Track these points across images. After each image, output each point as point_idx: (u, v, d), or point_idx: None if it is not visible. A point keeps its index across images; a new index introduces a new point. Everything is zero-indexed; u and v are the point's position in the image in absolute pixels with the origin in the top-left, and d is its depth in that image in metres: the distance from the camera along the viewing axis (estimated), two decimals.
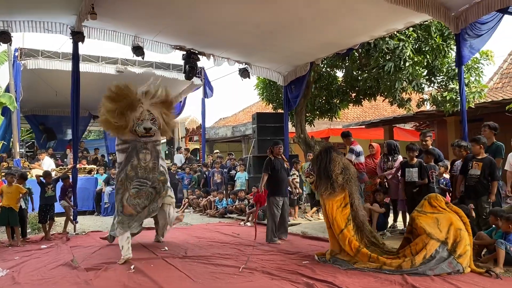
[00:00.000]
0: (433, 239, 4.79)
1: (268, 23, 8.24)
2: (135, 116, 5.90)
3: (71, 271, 5.11)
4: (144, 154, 5.97)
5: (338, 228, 5.23)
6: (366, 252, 5.07)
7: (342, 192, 5.31)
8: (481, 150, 5.86)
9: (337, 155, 5.43)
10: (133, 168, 5.90)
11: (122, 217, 5.84)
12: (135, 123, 5.92)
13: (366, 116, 20.25)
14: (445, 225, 4.85)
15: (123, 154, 6.03)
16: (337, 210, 5.25)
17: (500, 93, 13.02)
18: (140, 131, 5.92)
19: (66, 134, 16.99)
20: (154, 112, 6.03)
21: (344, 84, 11.67)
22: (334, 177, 5.26)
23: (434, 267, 4.68)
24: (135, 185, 5.85)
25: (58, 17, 8.02)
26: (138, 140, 6.01)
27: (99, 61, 12.02)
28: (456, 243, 4.76)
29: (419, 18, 7.91)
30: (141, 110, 5.94)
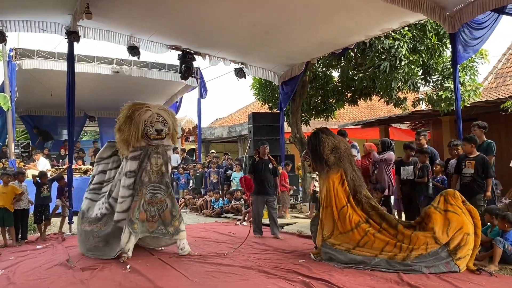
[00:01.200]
0: (437, 243, 4.78)
1: (264, 23, 8.25)
2: (145, 119, 5.82)
3: (67, 271, 5.09)
4: (155, 158, 5.88)
5: (340, 204, 5.31)
6: (365, 228, 5.13)
7: (338, 169, 5.44)
8: (472, 149, 5.93)
9: (325, 136, 5.58)
10: (147, 173, 5.81)
11: (137, 224, 5.68)
12: (146, 126, 5.83)
13: (362, 116, 20.31)
14: (454, 229, 4.80)
15: (136, 162, 5.88)
16: (338, 186, 5.38)
17: (495, 93, 13.08)
18: (152, 133, 5.82)
19: (61, 134, 16.92)
20: (163, 115, 5.98)
21: (340, 84, 11.69)
22: (326, 157, 5.44)
23: (431, 265, 4.69)
24: (149, 189, 5.78)
25: (53, 16, 7.99)
26: (150, 144, 5.90)
27: (94, 61, 12.00)
28: (459, 246, 4.73)
29: (414, 18, 7.95)
30: (150, 113, 5.88)
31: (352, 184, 5.47)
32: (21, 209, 7.32)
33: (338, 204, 5.33)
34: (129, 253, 5.61)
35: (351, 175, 5.48)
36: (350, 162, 5.58)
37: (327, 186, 5.43)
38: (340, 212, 5.28)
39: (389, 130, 15.58)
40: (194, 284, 4.46)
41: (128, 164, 5.90)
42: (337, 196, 5.35)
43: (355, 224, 5.19)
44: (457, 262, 4.68)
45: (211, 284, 4.43)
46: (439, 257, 4.73)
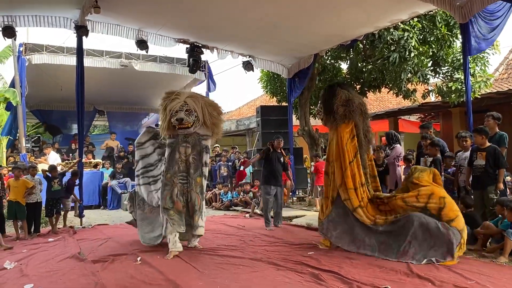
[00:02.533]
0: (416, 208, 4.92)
1: (272, 16, 8.21)
2: (171, 108, 5.74)
3: (78, 263, 5.15)
4: (184, 147, 5.75)
5: (348, 159, 5.30)
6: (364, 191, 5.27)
7: (349, 123, 5.37)
8: (483, 140, 5.85)
9: (340, 90, 5.51)
10: (176, 162, 5.75)
11: (174, 211, 5.65)
12: (172, 115, 5.73)
13: (371, 108, 20.11)
14: (424, 196, 4.91)
15: (169, 149, 5.85)
16: (348, 140, 5.34)
17: (506, 84, 12.93)
18: (173, 122, 5.68)
19: (71, 129, 17.04)
20: (191, 103, 5.75)
21: (349, 76, 11.62)
22: (335, 108, 5.38)
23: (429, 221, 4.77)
24: (179, 179, 5.73)
25: (62, 11, 8.02)
26: (178, 133, 5.79)
27: (103, 56, 12.02)
28: (441, 209, 4.80)
29: (423, 8, 7.86)
30: (177, 101, 5.75)
31: (362, 144, 5.44)
32: (33, 203, 7.40)
33: (347, 158, 5.31)
34: (177, 245, 5.58)
35: (362, 134, 5.43)
36: (363, 119, 5.51)
37: (336, 140, 5.39)
38: (348, 167, 5.28)
39: (398, 123, 15.48)
40: (204, 276, 4.49)
41: (166, 150, 5.94)
42: (347, 150, 5.32)
43: (360, 183, 5.26)
44: (452, 224, 4.74)
45: (221, 276, 4.46)
46: (426, 222, 4.80)
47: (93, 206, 11.65)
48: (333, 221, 5.43)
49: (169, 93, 5.93)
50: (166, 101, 5.84)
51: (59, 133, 16.06)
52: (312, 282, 4.12)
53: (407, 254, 4.81)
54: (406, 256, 4.81)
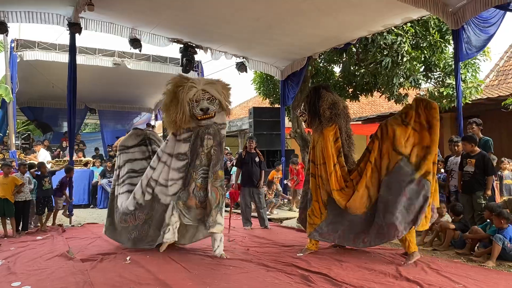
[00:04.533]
0: (399, 154, 4.93)
1: (266, 17, 8.23)
2: (190, 98, 5.29)
3: (67, 262, 5.11)
4: (206, 139, 5.37)
5: (332, 161, 5.33)
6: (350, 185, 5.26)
7: (333, 126, 5.42)
8: (473, 148, 5.93)
9: (326, 92, 5.55)
10: (198, 156, 5.35)
11: (184, 204, 5.35)
12: (192, 106, 5.32)
13: (363, 112, 20.27)
14: (411, 143, 4.93)
15: (187, 144, 5.42)
16: (332, 142, 5.39)
17: (496, 90, 13.05)
18: (198, 113, 5.30)
19: (62, 126, 16.93)
20: (210, 90, 5.40)
21: (341, 79, 11.67)
22: (321, 111, 5.41)
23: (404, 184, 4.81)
24: (200, 174, 5.34)
25: (55, 8, 7.98)
26: (200, 124, 5.40)
27: (96, 54, 11.97)
28: (422, 160, 4.85)
29: (417, 14, 7.92)
30: (194, 90, 5.32)
31: (344, 146, 5.48)
32: (22, 201, 7.32)
33: (332, 161, 5.35)
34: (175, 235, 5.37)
35: (344, 136, 5.50)
36: (346, 123, 5.58)
37: (322, 142, 5.42)
38: (333, 170, 5.32)
39: None
40: (194, 276, 4.47)
41: (178, 146, 5.45)
42: (331, 152, 5.37)
43: (344, 181, 5.29)
44: (427, 177, 4.81)
45: (210, 277, 4.45)
46: (405, 173, 4.85)
47: (82, 205, 11.56)
48: (333, 223, 5.38)
49: (180, 81, 5.45)
50: (180, 90, 5.33)
51: (50, 131, 15.94)
52: (302, 284, 4.13)
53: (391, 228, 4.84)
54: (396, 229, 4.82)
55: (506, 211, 5.22)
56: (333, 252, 5.55)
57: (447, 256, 5.34)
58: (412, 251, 4.95)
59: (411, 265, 4.81)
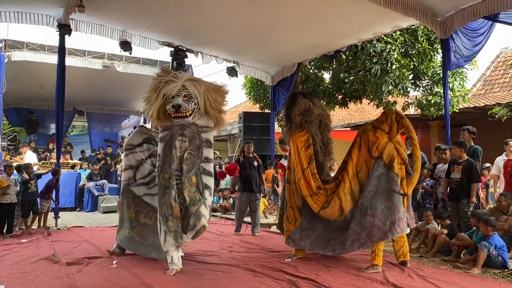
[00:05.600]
0: (372, 157, 4.95)
1: (258, 23, 8.26)
2: (165, 92, 4.82)
3: (52, 265, 5.03)
4: (179, 141, 4.81)
5: (301, 168, 5.29)
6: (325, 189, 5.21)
7: (303, 132, 5.39)
8: (462, 153, 6.01)
9: (302, 99, 5.50)
10: (172, 159, 4.79)
11: (172, 221, 4.71)
12: (167, 101, 4.82)
13: (352, 119, 20.43)
14: (381, 145, 4.93)
15: (162, 144, 4.93)
16: (301, 149, 5.36)
17: (483, 99, 13.26)
18: (169, 109, 4.78)
19: (49, 128, 16.75)
20: (191, 88, 4.84)
21: (331, 86, 11.76)
22: (293, 117, 5.41)
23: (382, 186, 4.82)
24: (175, 178, 4.77)
25: (45, 8, 7.92)
26: (174, 123, 4.87)
27: (85, 56, 11.87)
28: (393, 158, 4.86)
29: (406, 22, 8.02)
30: (173, 85, 4.82)
31: (318, 155, 5.45)
32: (8, 203, 7.21)
33: (300, 168, 5.31)
34: (178, 263, 4.76)
35: (320, 144, 5.45)
36: (322, 132, 5.52)
37: (293, 147, 5.41)
38: (304, 174, 5.30)
39: None
40: (181, 281, 4.44)
41: (159, 146, 5.03)
42: (300, 159, 5.33)
43: (316, 188, 5.23)
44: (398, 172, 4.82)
45: (198, 282, 4.42)
46: (380, 174, 4.85)
47: (69, 208, 11.42)
48: (305, 229, 5.37)
49: (163, 73, 5.04)
50: (159, 82, 4.91)
51: (34, 132, 15.72)
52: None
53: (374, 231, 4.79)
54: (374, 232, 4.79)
55: (493, 218, 5.28)
56: (321, 258, 5.55)
57: (433, 262, 5.38)
58: (375, 263, 4.87)
59: (398, 271, 4.84)
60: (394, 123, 4.97)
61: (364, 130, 5.13)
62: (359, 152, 5.08)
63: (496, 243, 5.00)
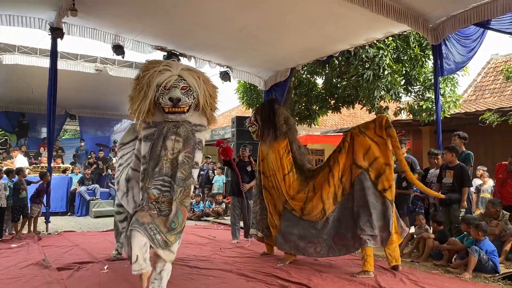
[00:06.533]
0: (359, 167, 5.01)
1: (251, 28, 8.28)
2: (158, 83, 4.08)
3: (43, 271, 4.99)
4: (172, 141, 4.07)
5: (283, 173, 5.47)
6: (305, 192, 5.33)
7: (285, 139, 5.60)
8: (453, 158, 6.05)
9: (279, 107, 5.74)
10: (160, 161, 4.02)
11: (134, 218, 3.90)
12: (160, 93, 4.08)
13: (344, 124, 20.51)
14: (372, 157, 4.99)
15: (148, 143, 4.12)
16: (283, 154, 5.55)
17: (474, 105, 13.38)
18: (165, 103, 4.05)
19: (40, 132, 16.63)
20: (189, 79, 4.17)
21: (324, 91, 11.79)
22: (279, 126, 5.56)
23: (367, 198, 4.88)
24: (157, 184, 3.97)
25: (37, 12, 7.87)
26: (166, 119, 4.13)
27: (77, 59, 11.83)
28: (380, 175, 4.92)
29: (398, 29, 8.08)
30: (168, 74, 4.11)
31: (297, 157, 5.62)
32: None
33: (281, 174, 5.49)
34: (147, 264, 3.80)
35: (296, 147, 5.66)
36: (296, 136, 5.82)
37: (274, 155, 5.54)
38: (285, 179, 5.45)
39: None
40: (173, 286, 4.40)
41: (142, 145, 4.20)
42: (282, 164, 5.52)
43: (297, 191, 5.40)
44: (385, 194, 4.89)
45: (190, 287, 4.41)
46: (367, 187, 4.90)
47: (60, 212, 11.34)
48: (285, 233, 5.43)
49: (151, 64, 4.30)
50: (150, 72, 4.16)
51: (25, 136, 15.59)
52: None
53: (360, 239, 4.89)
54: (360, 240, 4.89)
55: (484, 223, 5.32)
56: (313, 262, 5.57)
57: (425, 267, 5.41)
58: (366, 269, 4.89)
59: (390, 276, 4.86)
60: (382, 130, 5.04)
61: (353, 136, 5.19)
62: (346, 157, 5.16)
63: (487, 248, 5.04)
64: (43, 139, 14.88)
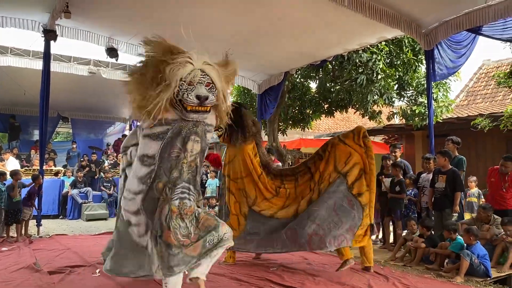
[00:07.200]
0: (337, 172, 5.11)
1: (245, 32, 8.29)
2: (182, 77, 3.61)
3: (33, 274, 4.94)
4: (192, 142, 3.65)
5: (257, 174, 5.53)
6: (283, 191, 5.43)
7: (252, 142, 5.65)
8: (445, 162, 6.09)
9: (246, 111, 5.79)
10: (178, 164, 3.61)
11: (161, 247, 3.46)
12: (182, 89, 3.60)
13: (338, 128, 20.56)
14: (352, 162, 5.08)
15: (158, 142, 3.65)
16: (253, 157, 5.60)
17: (466, 110, 13.50)
18: (190, 101, 3.58)
19: (32, 134, 16.52)
20: (211, 74, 3.79)
21: (317, 95, 11.83)
22: (248, 128, 5.59)
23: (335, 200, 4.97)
24: (178, 192, 3.56)
25: (30, 13, 7.82)
26: (186, 118, 3.65)
27: (70, 62, 11.77)
28: (355, 181, 5.02)
29: (391, 34, 8.13)
30: (190, 68, 3.69)
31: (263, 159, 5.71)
32: None
33: (257, 172, 5.53)
34: None
35: (261, 150, 5.76)
36: (261, 139, 5.89)
37: (243, 157, 5.57)
38: (260, 179, 5.50)
39: None
40: None
41: (146, 143, 3.71)
42: (254, 165, 5.56)
43: (275, 191, 5.47)
44: (359, 198, 4.98)
45: None
46: (339, 190, 5.00)
47: (51, 215, 11.24)
48: (250, 233, 5.47)
49: (171, 49, 3.90)
50: (169, 62, 3.70)
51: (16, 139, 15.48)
52: None
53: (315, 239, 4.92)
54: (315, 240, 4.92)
55: (475, 228, 5.36)
56: (307, 267, 5.57)
57: (417, 271, 5.42)
58: (345, 258, 5.06)
59: (383, 280, 4.87)
60: (360, 139, 5.18)
61: (333, 145, 5.30)
62: (326, 165, 5.25)
63: (478, 252, 5.07)
64: (35, 141, 14.78)
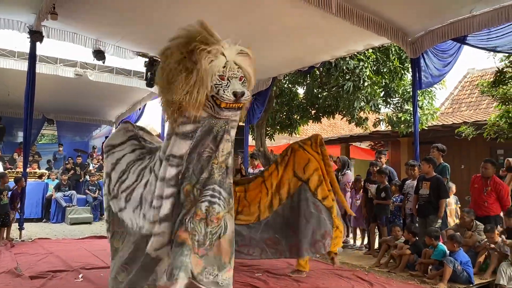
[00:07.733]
0: (296, 177, 5.20)
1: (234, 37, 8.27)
2: (217, 70, 3.28)
3: (14, 279, 4.86)
4: (224, 142, 3.37)
5: None
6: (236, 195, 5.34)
7: None
8: (430, 169, 6.15)
9: None
10: (208, 165, 3.33)
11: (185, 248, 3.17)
12: (217, 84, 3.25)
13: (324, 133, 20.66)
14: (311, 169, 5.18)
15: (187, 142, 3.34)
16: None
17: (451, 118, 13.67)
18: (226, 98, 3.22)
19: (16, 136, 16.26)
20: (245, 66, 3.50)
21: (305, 101, 11.89)
22: None
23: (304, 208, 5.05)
24: (208, 195, 3.29)
25: (16, 14, 7.72)
26: (218, 115, 3.32)
27: (57, 63, 11.64)
28: (317, 186, 5.13)
29: (378, 41, 8.22)
30: (223, 60, 3.37)
31: None
32: None
33: None
34: None
35: None
36: None
37: None
38: None
39: (349, 149, 15.94)
40: None
41: (174, 142, 3.38)
42: None
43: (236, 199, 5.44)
44: (324, 202, 5.08)
45: None
46: (305, 198, 5.07)
47: (34, 218, 11.07)
48: None
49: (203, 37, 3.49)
50: (201, 52, 3.31)
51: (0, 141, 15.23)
52: None
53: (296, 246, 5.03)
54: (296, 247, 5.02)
55: (458, 234, 5.42)
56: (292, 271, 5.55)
57: (401, 277, 5.46)
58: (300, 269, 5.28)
59: (367, 286, 4.89)
60: (317, 146, 5.33)
61: (293, 150, 5.39)
62: (285, 170, 5.31)
63: (461, 258, 5.13)
64: (19, 143, 14.54)
